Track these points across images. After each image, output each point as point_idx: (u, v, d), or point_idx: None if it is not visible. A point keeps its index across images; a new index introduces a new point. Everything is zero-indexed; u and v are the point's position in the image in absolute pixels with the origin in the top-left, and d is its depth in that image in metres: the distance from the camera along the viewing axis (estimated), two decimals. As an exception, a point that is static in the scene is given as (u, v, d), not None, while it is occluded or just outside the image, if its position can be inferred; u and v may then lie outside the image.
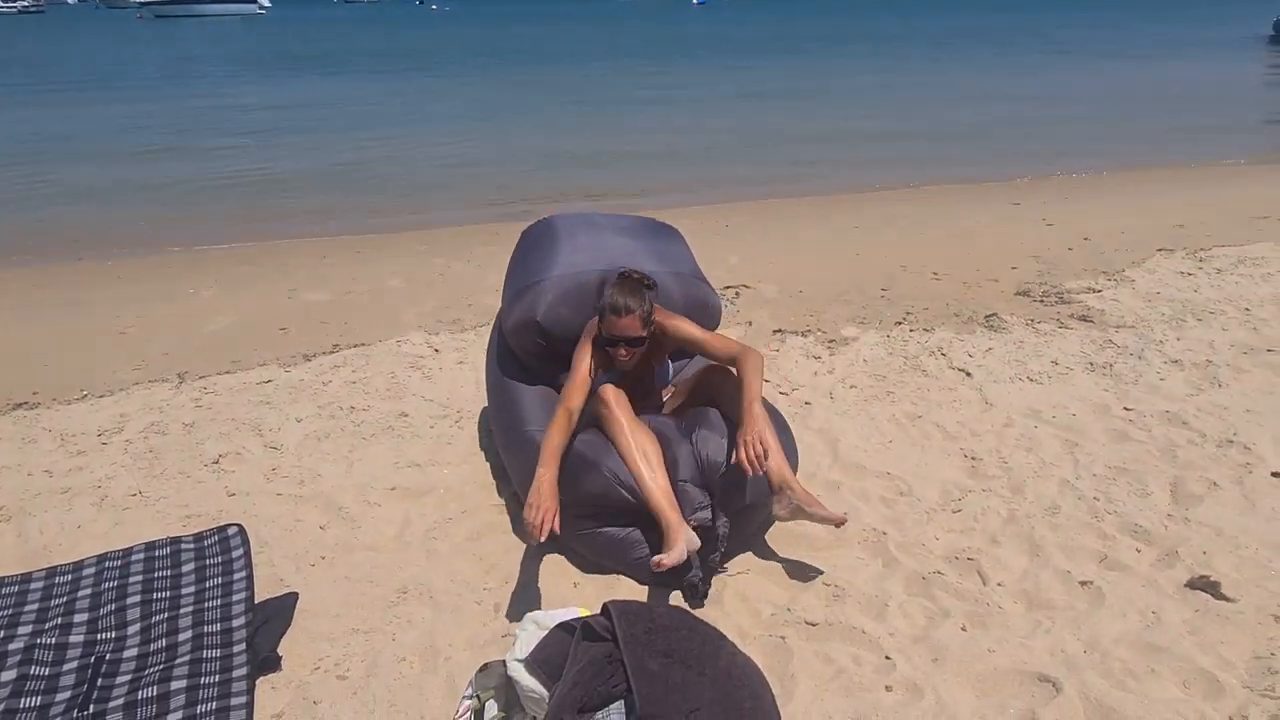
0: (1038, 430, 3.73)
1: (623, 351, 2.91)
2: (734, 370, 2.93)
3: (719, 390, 3.02)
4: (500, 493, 3.39)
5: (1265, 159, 11.20)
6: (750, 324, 5.18)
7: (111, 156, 12.42)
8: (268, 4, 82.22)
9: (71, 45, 39.53)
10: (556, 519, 2.57)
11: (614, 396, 2.91)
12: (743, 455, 2.65)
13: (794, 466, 3.16)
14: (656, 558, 2.54)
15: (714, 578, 2.79)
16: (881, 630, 2.55)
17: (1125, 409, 3.89)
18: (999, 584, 2.75)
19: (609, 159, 12.05)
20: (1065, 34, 35.43)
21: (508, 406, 3.36)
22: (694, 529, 2.70)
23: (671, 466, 2.83)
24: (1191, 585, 2.69)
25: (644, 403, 3.17)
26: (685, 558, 2.59)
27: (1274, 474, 3.31)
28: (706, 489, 2.82)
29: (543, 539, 2.54)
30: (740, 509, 2.83)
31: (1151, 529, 2.99)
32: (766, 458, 2.67)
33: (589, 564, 2.92)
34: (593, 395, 2.96)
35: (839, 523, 2.72)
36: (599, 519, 2.87)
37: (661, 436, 2.90)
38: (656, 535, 2.79)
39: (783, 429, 3.20)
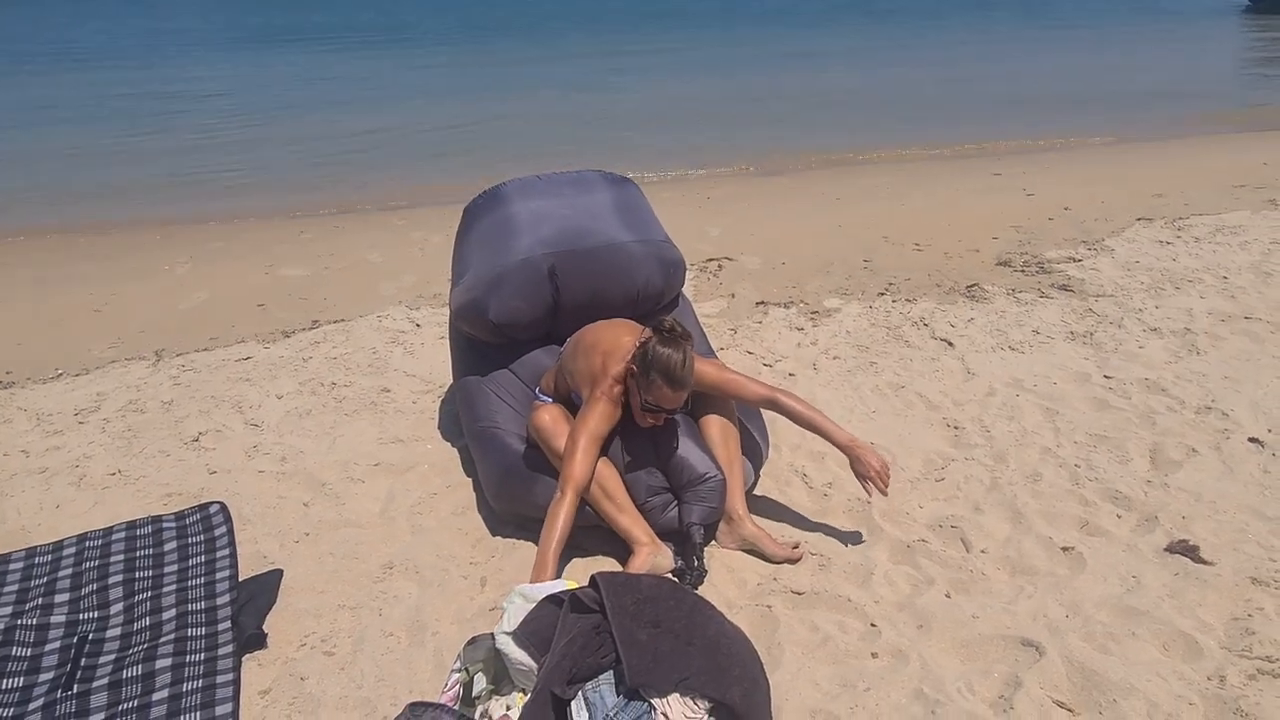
0: (1019, 399, 3.75)
1: (653, 419, 2.73)
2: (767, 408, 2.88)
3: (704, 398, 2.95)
4: (485, 467, 3.38)
5: (1243, 127, 11.26)
6: (733, 296, 5.17)
7: (82, 130, 12.17)
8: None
9: (43, 18, 38.59)
10: None
11: (550, 422, 2.80)
12: (874, 488, 2.71)
13: (764, 458, 3.18)
14: (642, 569, 2.60)
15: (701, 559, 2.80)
16: (867, 598, 2.57)
17: (1105, 377, 3.92)
18: (982, 551, 2.77)
19: (588, 131, 11.93)
20: (1042, 2, 35.36)
21: (467, 397, 3.32)
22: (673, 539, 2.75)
23: (633, 479, 2.80)
24: (1171, 549, 2.73)
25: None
26: (649, 571, 2.60)
27: (1251, 439, 3.35)
28: (668, 489, 2.83)
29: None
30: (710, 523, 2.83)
31: (1131, 495, 3.02)
32: (886, 481, 2.71)
33: (576, 537, 2.90)
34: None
35: (793, 559, 2.75)
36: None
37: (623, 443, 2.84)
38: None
39: (752, 418, 3.19)
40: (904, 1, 35.75)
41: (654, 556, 2.66)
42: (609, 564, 2.79)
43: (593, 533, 2.85)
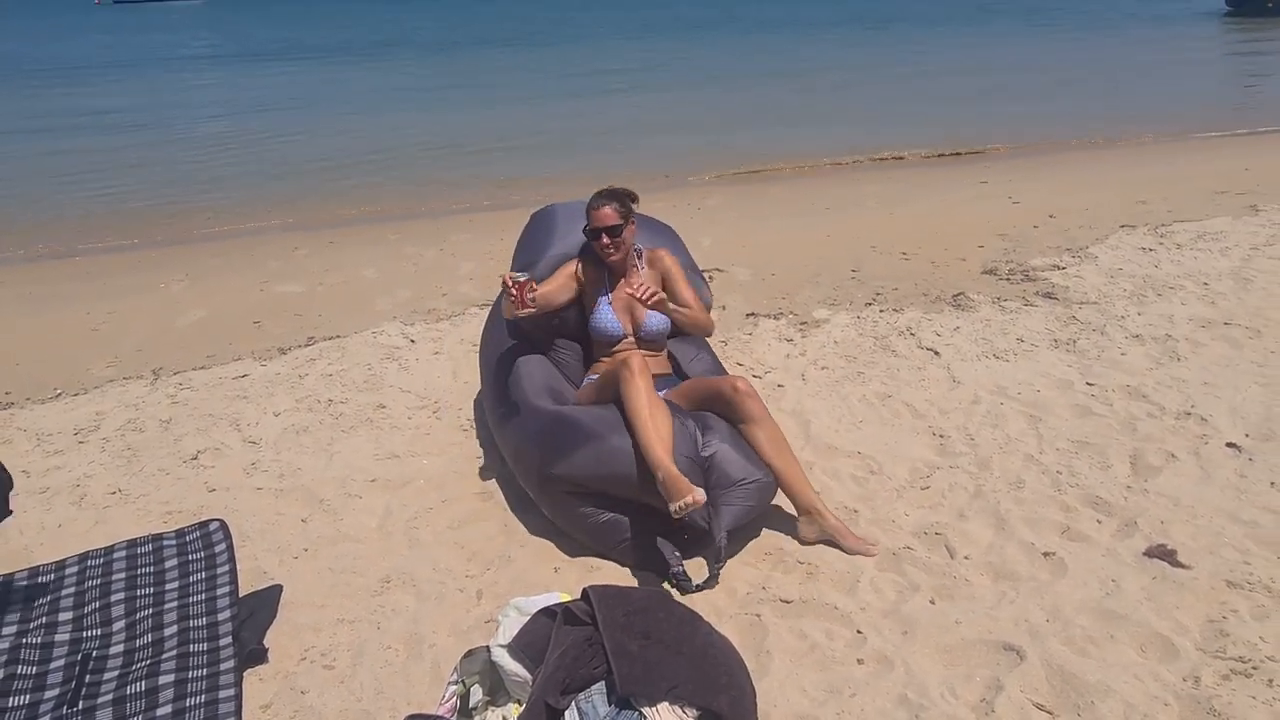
0: (1003, 407, 3.82)
1: (604, 239, 3.24)
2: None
3: (718, 401, 3.08)
4: (480, 481, 3.44)
5: (1225, 131, 11.39)
6: (724, 308, 5.24)
7: (74, 146, 12.20)
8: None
9: (32, 32, 38.64)
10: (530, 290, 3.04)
11: (639, 363, 2.95)
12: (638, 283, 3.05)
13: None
14: (673, 508, 2.59)
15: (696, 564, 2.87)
16: (853, 605, 2.64)
17: (1088, 384, 4.00)
18: (966, 557, 2.84)
19: (581, 143, 12.02)
20: (1036, 9, 35.57)
21: (507, 378, 3.45)
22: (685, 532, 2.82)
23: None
24: (1149, 554, 2.80)
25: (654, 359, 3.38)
26: (698, 499, 2.59)
27: (1229, 444, 3.42)
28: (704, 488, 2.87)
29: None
30: (737, 527, 2.89)
31: (1112, 500, 3.09)
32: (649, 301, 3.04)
33: (569, 549, 2.98)
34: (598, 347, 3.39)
35: (869, 554, 2.86)
36: (585, 499, 2.93)
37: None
38: (630, 521, 2.87)
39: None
40: (902, 10, 35.91)
41: (689, 489, 2.60)
42: (605, 573, 2.85)
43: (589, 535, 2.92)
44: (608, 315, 3.35)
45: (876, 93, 15.78)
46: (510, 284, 3.02)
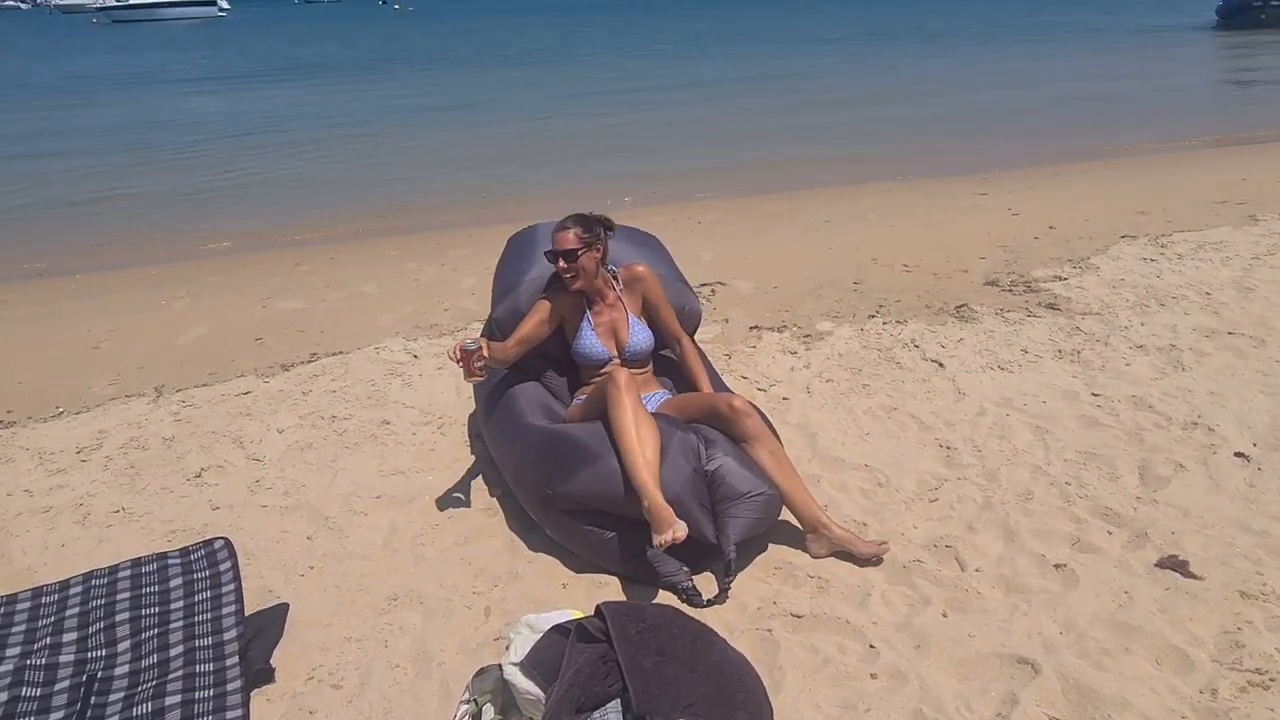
0: (1009, 418, 3.81)
1: (560, 263, 3.17)
2: (683, 352, 3.44)
3: (715, 419, 3.07)
4: (486, 497, 3.42)
5: (1222, 143, 11.44)
6: (727, 321, 5.24)
7: (72, 165, 12.22)
8: (226, 6, 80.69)
9: (27, 52, 38.80)
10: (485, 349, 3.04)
11: (625, 379, 2.92)
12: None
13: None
14: (656, 540, 2.59)
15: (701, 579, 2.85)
16: (865, 619, 2.62)
17: (1093, 394, 3.99)
18: (977, 570, 2.82)
19: (578, 159, 12.06)
20: (1013, 22, 35.78)
21: (501, 392, 3.45)
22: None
23: (674, 476, 2.82)
24: (1161, 565, 2.78)
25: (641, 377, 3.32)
26: (679, 536, 2.58)
27: (1237, 454, 3.41)
28: (701, 504, 2.86)
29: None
30: (744, 540, 2.87)
31: (1121, 511, 3.08)
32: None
33: (576, 565, 2.96)
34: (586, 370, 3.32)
35: (882, 554, 2.87)
36: (587, 518, 2.91)
37: (665, 433, 2.91)
38: (634, 539, 2.84)
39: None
40: (905, 27, 36.13)
41: (673, 523, 2.61)
42: (614, 588, 2.83)
43: (593, 559, 2.90)
44: (591, 340, 3.30)
45: (884, 109, 15.85)
46: (458, 355, 2.99)
